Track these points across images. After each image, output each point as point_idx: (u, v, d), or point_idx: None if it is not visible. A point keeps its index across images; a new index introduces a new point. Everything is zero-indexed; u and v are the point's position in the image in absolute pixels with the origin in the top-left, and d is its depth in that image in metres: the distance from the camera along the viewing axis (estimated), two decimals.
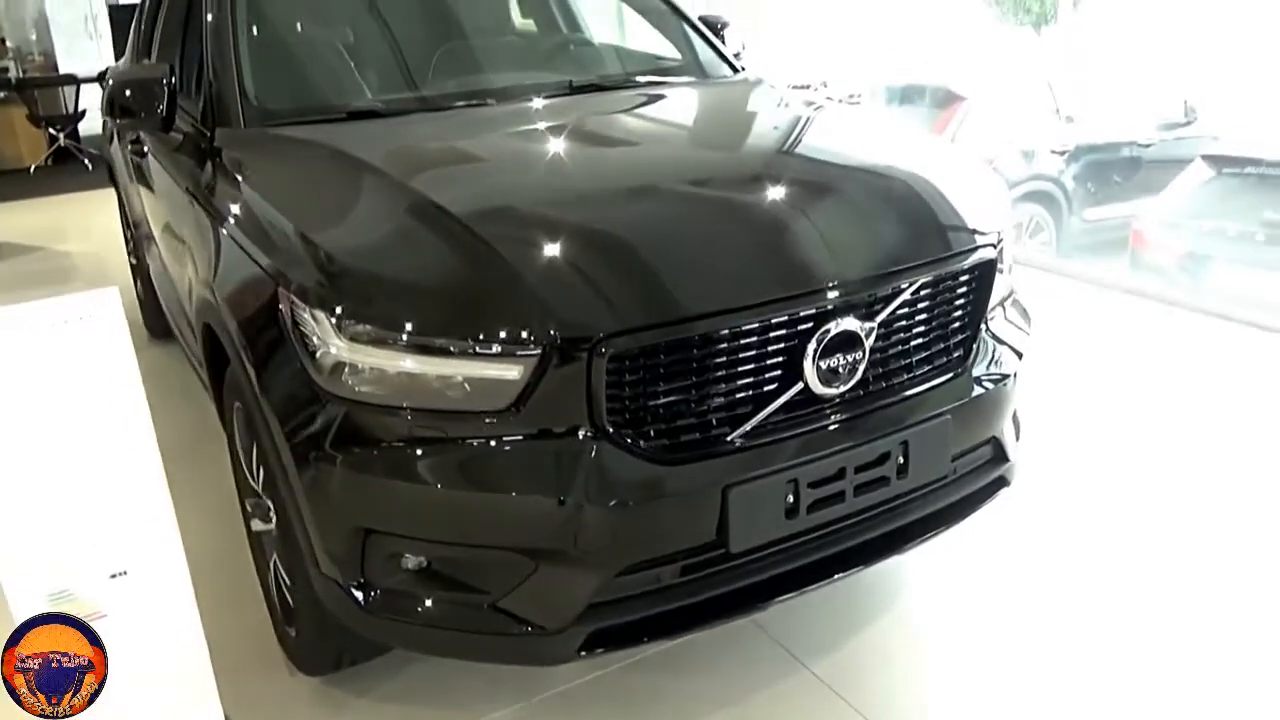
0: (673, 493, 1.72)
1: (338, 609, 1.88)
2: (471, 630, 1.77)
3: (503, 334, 1.67)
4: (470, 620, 1.77)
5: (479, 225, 1.87)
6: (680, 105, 2.84)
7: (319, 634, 2.08)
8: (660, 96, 2.87)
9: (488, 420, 1.70)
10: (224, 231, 2.26)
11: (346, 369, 1.75)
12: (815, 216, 1.96)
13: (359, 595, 1.83)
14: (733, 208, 2.00)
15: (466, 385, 1.70)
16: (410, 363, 1.70)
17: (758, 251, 1.86)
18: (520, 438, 1.70)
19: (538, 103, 2.74)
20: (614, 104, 2.77)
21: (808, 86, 3.32)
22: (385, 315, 1.71)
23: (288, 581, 2.12)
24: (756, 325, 1.75)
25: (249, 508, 2.28)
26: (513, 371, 1.68)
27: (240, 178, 2.38)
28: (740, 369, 1.77)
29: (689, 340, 1.71)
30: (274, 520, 2.09)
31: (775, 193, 2.03)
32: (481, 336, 1.67)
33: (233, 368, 2.13)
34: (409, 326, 1.69)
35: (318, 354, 1.78)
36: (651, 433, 1.74)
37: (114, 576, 1.58)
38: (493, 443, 1.70)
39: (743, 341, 1.75)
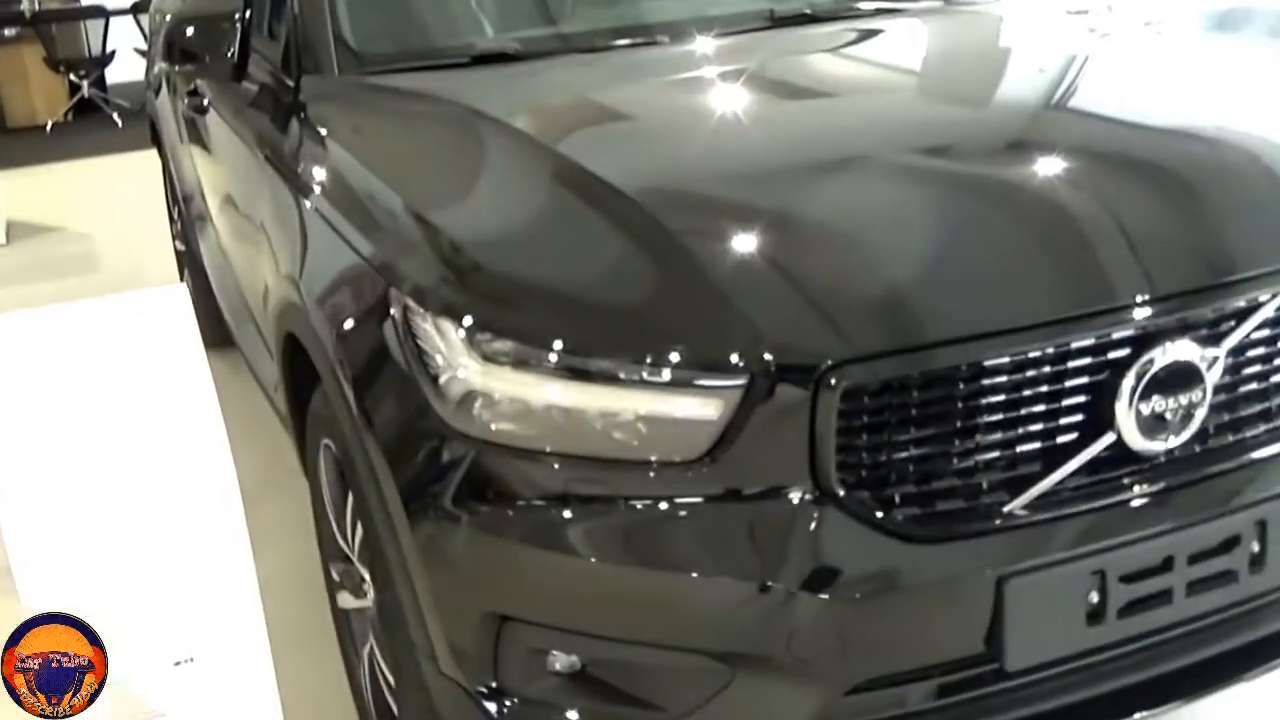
0: (926, 582, 1.72)
1: None
2: None
3: (695, 357, 1.68)
4: None
5: (656, 207, 1.90)
6: (917, 42, 2.83)
7: None
8: (889, 30, 2.86)
9: (669, 474, 1.72)
10: (312, 210, 2.35)
11: (479, 399, 1.78)
12: (1123, 200, 1.94)
13: (490, 706, 1.85)
14: (1007, 189, 2.00)
15: (641, 426, 1.72)
16: (565, 393, 1.73)
17: (1045, 250, 1.86)
18: (713, 499, 1.71)
19: (724, 41, 2.75)
20: (828, 41, 2.78)
21: (1086, 12, 3.21)
22: (532, 328, 1.75)
23: (389, 680, 2.16)
24: (1049, 352, 1.72)
25: (336, 576, 2.35)
26: (708, 408, 1.68)
27: (334, 140, 2.46)
28: (1024, 413, 1.75)
29: (953, 372, 1.70)
30: (372, 596, 2.13)
31: (1063, 165, 2.02)
32: (666, 360, 1.68)
33: (323, 392, 2.20)
34: (564, 344, 1.72)
35: (441, 378, 1.82)
36: (897, 498, 1.72)
37: (179, 664, 1.65)
38: (675, 504, 1.72)
39: (1028, 374, 1.73)
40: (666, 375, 1.69)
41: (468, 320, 1.79)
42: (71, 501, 1.57)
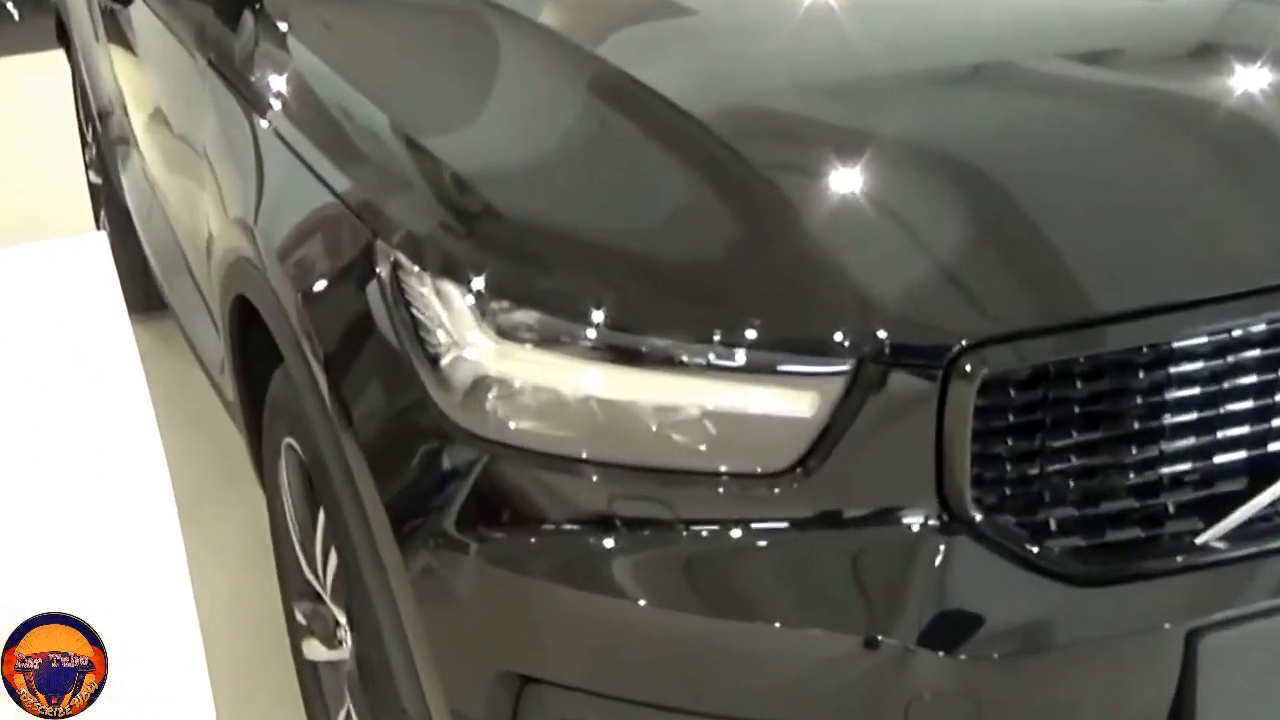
0: (1091, 638, 1.72)
1: None
2: None
3: (784, 334, 1.69)
4: None
5: (731, 131, 1.92)
6: None
7: None
8: None
9: (747, 491, 1.74)
10: (270, 131, 2.37)
11: (494, 389, 1.80)
12: None
13: None
14: (1204, 110, 2.02)
15: (710, 426, 1.73)
16: (608, 381, 1.75)
17: (1258, 195, 1.88)
18: (805, 524, 1.73)
19: None
20: None
21: None
22: (565, 293, 1.77)
23: None
24: (1262, 330, 1.72)
25: (302, 619, 2.37)
26: (800, 403, 1.69)
27: (299, 38, 2.48)
28: (1225, 411, 1.74)
29: (1131, 356, 1.70)
30: (349, 646, 2.16)
31: (1248, 74, 2.04)
32: (744, 337, 1.69)
33: (284, 374, 2.24)
34: (607, 315, 1.73)
35: (443, 360, 1.84)
36: (1052, 524, 1.73)
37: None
38: (754, 532, 1.74)
39: (1232, 360, 1.72)
40: (744, 358, 1.70)
41: (478, 283, 1.80)
42: None
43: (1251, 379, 1.75)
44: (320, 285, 2.11)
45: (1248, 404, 1.76)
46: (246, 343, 2.46)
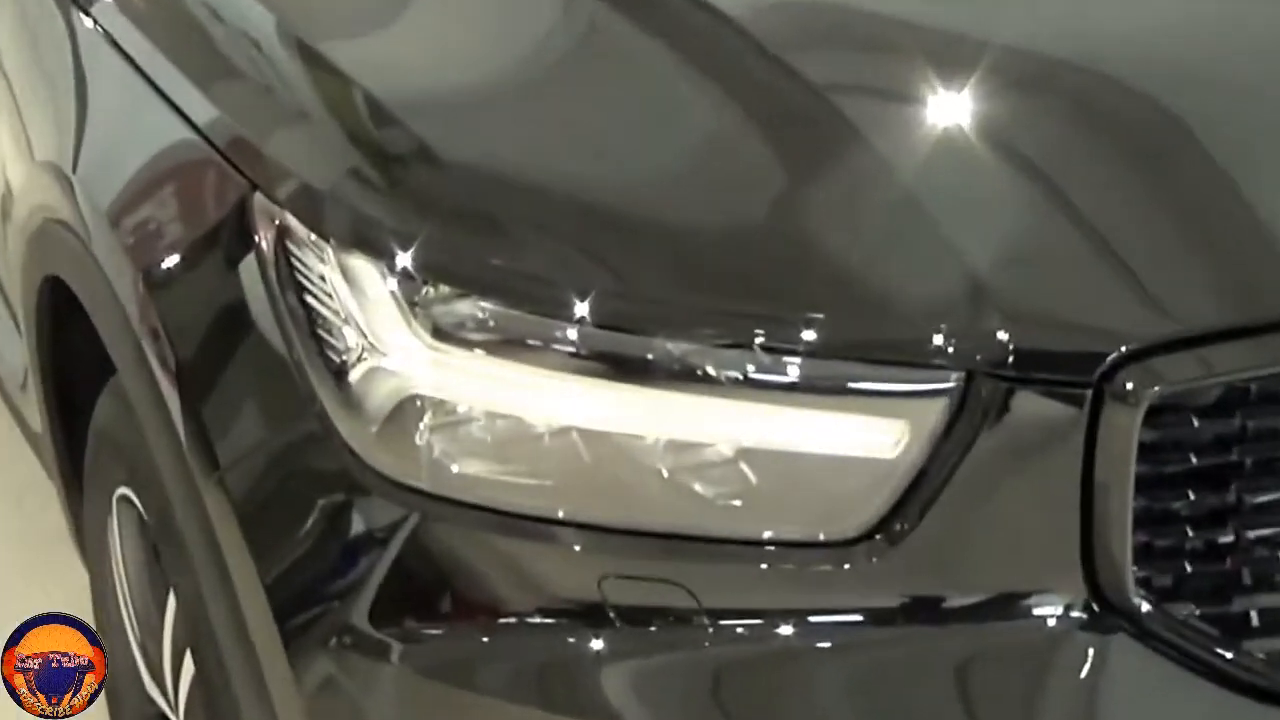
0: None
1: None
2: None
3: (857, 334, 1.65)
4: None
5: (781, 40, 1.94)
6: None
7: None
8: None
9: (804, 567, 1.70)
10: (97, 34, 2.37)
11: (429, 413, 1.74)
12: None
13: None
14: None
15: (747, 470, 1.67)
16: (599, 404, 1.70)
17: None
18: (887, 618, 1.69)
19: None
20: None
21: None
22: (533, 272, 1.74)
23: None
24: None
25: None
26: (882, 437, 1.64)
27: None
28: None
29: None
30: None
31: None
32: (798, 337, 1.63)
33: (117, 392, 2.24)
34: (596, 306, 1.67)
35: (353, 370, 1.79)
36: (1254, 617, 1.67)
37: None
38: (813, 629, 1.69)
39: None
40: (798, 371, 1.64)
41: (405, 258, 1.74)
42: None
43: None
44: (171, 261, 2.10)
45: None
46: (60, 347, 2.48)
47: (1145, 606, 1.62)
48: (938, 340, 1.61)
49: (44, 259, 2.43)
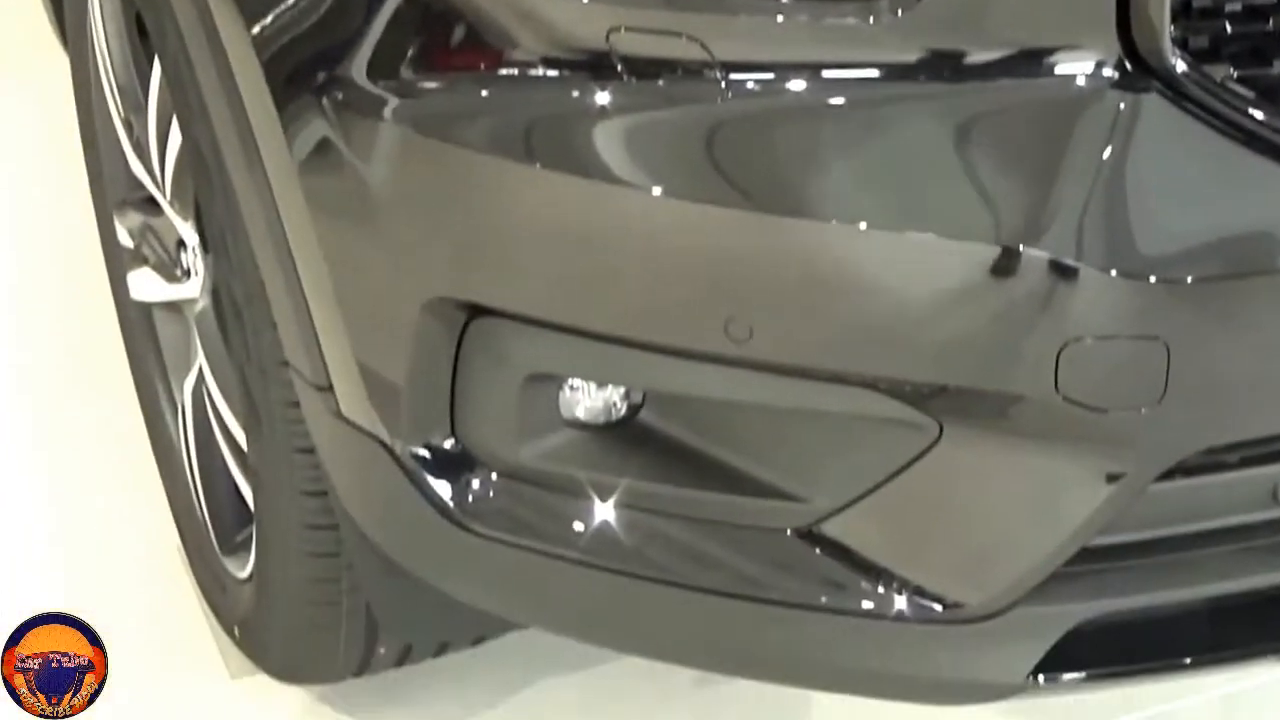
0: None
1: (380, 521, 1.98)
2: (751, 597, 1.82)
3: None
4: (755, 570, 1.81)
5: None
6: None
7: (310, 584, 2.20)
8: None
9: (817, 18, 1.65)
10: None
11: None
12: None
13: (440, 486, 1.87)
14: None
15: None
16: None
17: None
18: (905, 73, 1.65)
19: None
20: None
21: None
22: None
23: (235, 439, 2.30)
24: None
25: (127, 238, 2.43)
26: None
27: None
28: None
29: None
30: (202, 278, 2.22)
31: None
32: None
33: None
34: None
35: None
36: None
37: None
38: (826, 84, 1.65)
39: None
40: None
41: None
42: None
43: None
44: None
45: None
46: None
47: (1181, 66, 1.60)
48: None
49: None
